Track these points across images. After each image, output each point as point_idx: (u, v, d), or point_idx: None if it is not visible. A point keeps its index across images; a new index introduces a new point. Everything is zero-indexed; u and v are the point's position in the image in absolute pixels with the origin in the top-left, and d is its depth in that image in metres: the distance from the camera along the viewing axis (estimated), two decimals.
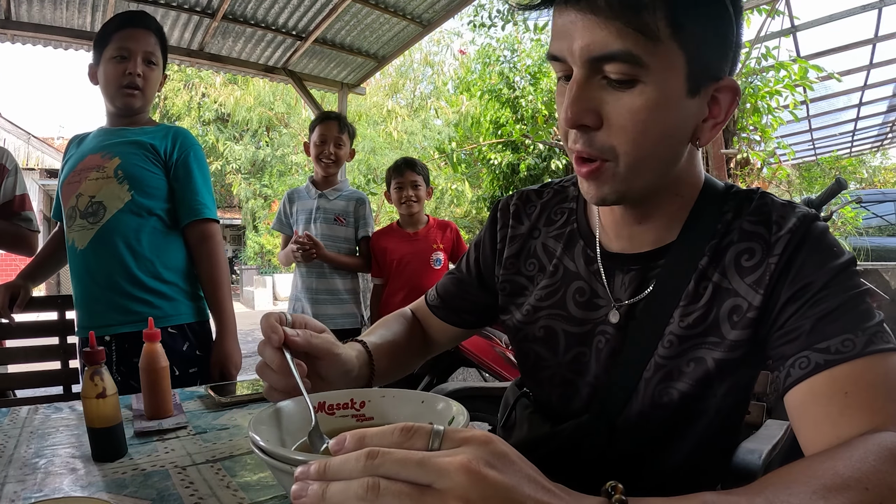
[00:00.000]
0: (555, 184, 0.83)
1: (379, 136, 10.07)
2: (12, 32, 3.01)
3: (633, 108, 0.55)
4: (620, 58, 0.53)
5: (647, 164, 0.59)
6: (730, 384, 0.65)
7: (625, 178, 0.60)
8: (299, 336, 0.64)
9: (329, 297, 2.40)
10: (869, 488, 0.42)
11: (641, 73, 0.54)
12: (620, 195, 0.62)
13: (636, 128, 0.56)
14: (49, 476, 0.71)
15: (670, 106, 0.56)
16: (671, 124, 0.58)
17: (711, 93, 0.59)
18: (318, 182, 2.46)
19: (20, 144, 11.63)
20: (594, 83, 0.56)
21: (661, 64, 0.54)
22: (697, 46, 0.55)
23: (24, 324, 1.63)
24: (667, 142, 0.59)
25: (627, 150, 0.58)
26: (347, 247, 2.45)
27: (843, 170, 10.34)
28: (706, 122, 0.61)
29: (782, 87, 3.63)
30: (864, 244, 4.87)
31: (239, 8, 3.16)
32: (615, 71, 0.55)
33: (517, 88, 5.62)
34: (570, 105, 0.57)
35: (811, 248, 0.60)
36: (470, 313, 0.88)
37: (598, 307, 0.71)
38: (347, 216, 2.43)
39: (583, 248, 0.74)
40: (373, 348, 0.77)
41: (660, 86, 0.55)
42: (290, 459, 0.47)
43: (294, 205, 2.48)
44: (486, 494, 0.33)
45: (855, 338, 0.54)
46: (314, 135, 2.42)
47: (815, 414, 0.54)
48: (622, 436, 0.68)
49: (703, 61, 0.56)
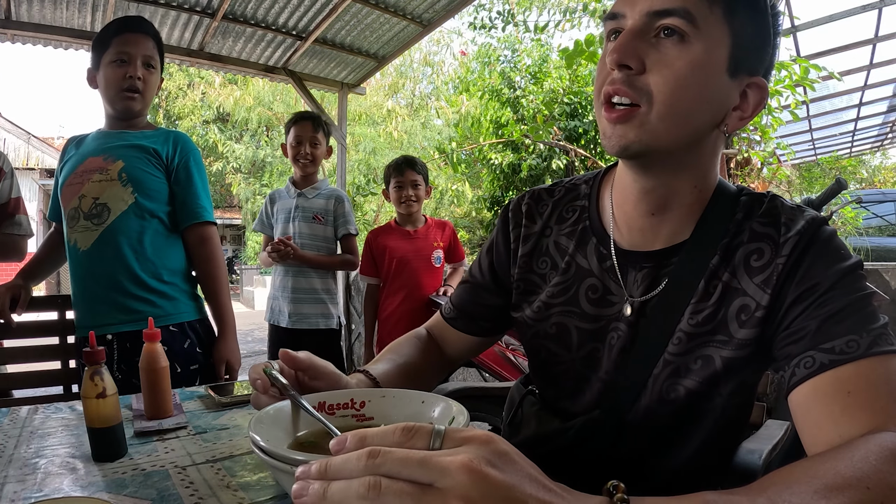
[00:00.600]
0: (566, 182, 0.84)
1: (379, 136, 10.07)
2: (12, 32, 3.01)
3: (678, 60, 0.59)
4: (678, 13, 0.58)
5: (677, 120, 0.61)
6: (736, 383, 0.66)
7: (654, 128, 0.61)
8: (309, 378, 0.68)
9: (306, 296, 2.39)
10: (870, 488, 0.42)
11: (693, 31, 0.59)
12: (644, 146, 0.62)
13: (676, 77, 0.59)
14: (49, 476, 0.71)
15: (710, 71, 0.60)
16: (707, 89, 0.61)
17: (744, 85, 0.63)
18: (297, 182, 2.47)
19: (20, 144, 11.63)
20: (647, 37, 0.60)
21: (711, 31, 0.59)
22: (742, 33, 0.60)
23: (24, 324, 1.63)
24: (698, 106, 0.61)
25: (662, 98, 0.60)
26: (327, 245, 2.45)
27: (843, 170, 10.34)
28: (735, 110, 0.63)
29: (783, 87, 3.63)
30: (864, 244, 4.87)
31: (239, 8, 3.16)
32: (671, 23, 0.59)
33: (518, 88, 5.63)
34: (619, 46, 0.60)
35: (819, 250, 0.61)
36: (487, 319, 0.88)
37: (611, 304, 0.72)
38: (326, 215, 2.43)
39: (595, 245, 0.75)
40: (379, 376, 0.77)
41: (706, 48, 0.59)
42: (290, 459, 0.47)
43: (275, 205, 2.50)
44: (488, 493, 0.33)
45: (859, 339, 0.55)
46: (289, 136, 2.42)
47: (817, 413, 0.54)
48: (631, 433, 0.69)
49: (745, 50, 0.61)
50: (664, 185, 0.67)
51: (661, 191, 0.67)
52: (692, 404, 0.66)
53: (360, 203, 6.53)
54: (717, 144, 0.67)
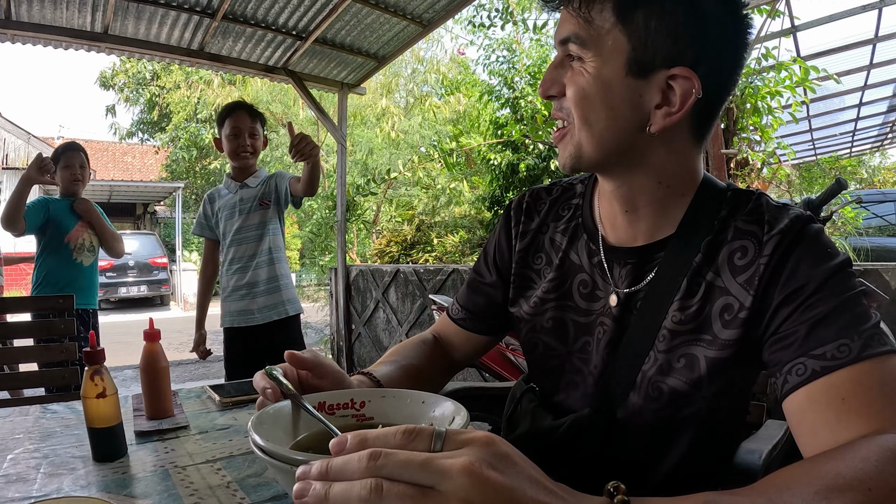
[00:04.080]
0: (564, 182, 0.86)
1: (376, 136, 10.04)
2: (12, 32, 3.01)
3: (577, 78, 0.65)
4: (570, 39, 0.64)
5: (592, 130, 0.65)
6: (721, 384, 0.65)
7: (578, 142, 0.66)
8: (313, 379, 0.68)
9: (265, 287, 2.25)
10: (871, 489, 0.42)
11: (585, 52, 0.64)
12: (576, 159, 0.67)
13: (578, 92, 0.64)
14: (49, 476, 0.71)
15: (609, 81, 0.63)
16: (612, 98, 0.63)
17: (665, 80, 0.61)
18: (236, 176, 2.31)
19: (20, 144, 11.62)
20: (565, 62, 0.67)
21: (603, 45, 0.63)
22: (644, 31, 0.61)
23: (24, 324, 1.63)
24: (606, 113, 0.64)
25: (575, 114, 0.65)
26: (277, 227, 2.30)
27: (843, 170, 10.32)
28: (659, 108, 0.63)
29: (783, 87, 3.62)
30: (864, 244, 4.86)
31: (239, 8, 3.16)
32: (570, 50, 0.65)
33: (516, 88, 5.61)
34: (543, 79, 0.68)
35: (804, 249, 0.60)
36: (495, 317, 0.89)
37: (599, 297, 0.73)
38: (269, 196, 2.27)
39: (586, 241, 0.76)
40: (382, 377, 0.77)
41: (601, 62, 0.63)
42: (290, 459, 0.47)
43: (215, 204, 2.33)
44: (489, 496, 0.33)
45: (851, 342, 0.54)
46: (225, 128, 2.21)
47: (812, 420, 0.54)
48: (622, 430, 0.69)
49: (651, 49, 0.61)
50: (625, 185, 0.69)
51: (623, 190, 0.69)
52: (676, 403, 0.66)
53: (359, 203, 6.51)
54: (687, 152, 0.67)
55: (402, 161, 7.23)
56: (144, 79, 15.62)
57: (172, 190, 14.17)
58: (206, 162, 14.62)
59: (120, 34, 3.28)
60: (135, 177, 17.89)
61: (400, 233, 8.24)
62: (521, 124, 5.43)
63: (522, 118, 5.48)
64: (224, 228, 2.28)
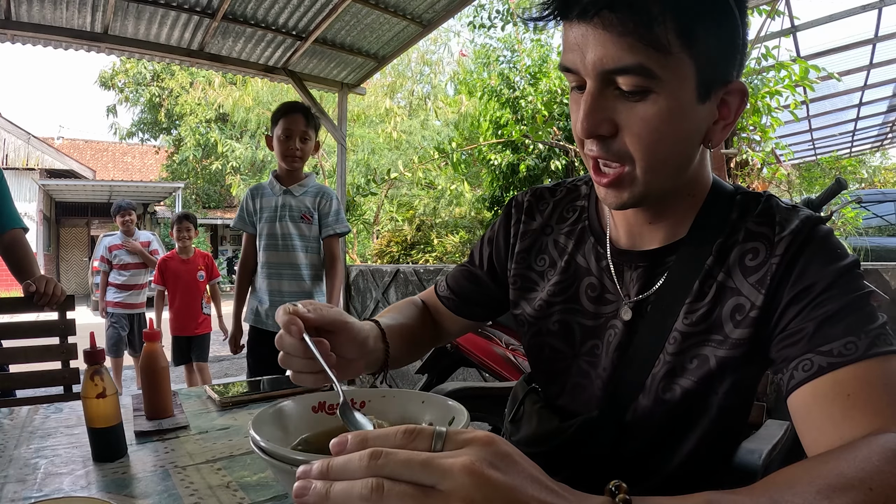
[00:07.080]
0: (568, 182, 0.85)
1: (379, 136, 10.04)
2: (12, 32, 3.01)
3: (647, 117, 0.57)
4: (633, 71, 0.55)
5: (664, 168, 0.61)
6: (731, 383, 0.65)
7: (643, 183, 0.61)
8: (311, 312, 0.62)
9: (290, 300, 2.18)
10: (873, 488, 0.42)
11: (654, 84, 0.55)
12: (639, 199, 0.63)
13: (651, 136, 0.58)
14: (49, 476, 0.71)
15: (683, 113, 0.58)
16: (684, 130, 0.59)
17: (721, 96, 0.60)
18: (283, 178, 2.27)
19: (20, 144, 11.62)
20: (608, 94, 0.58)
21: (672, 74, 0.55)
22: (706, 54, 0.56)
23: (24, 324, 1.63)
24: (681, 146, 0.61)
25: (644, 157, 0.59)
26: (316, 245, 2.27)
27: (843, 170, 10.32)
28: (717, 123, 0.62)
29: (782, 87, 3.62)
30: (864, 244, 4.86)
31: (239, 8, 3.16)
32: (628, 83, 0.56)
33: (517, 89, 5.61)
34: (586, 117, 0.58)
35: (814, 250, 0.60)
36: (480, 306, 0.89)
37: (608, 302, 0.73)
38: (312, 215, 2.24)
39: (593, 244, 0.76)
40: (386, 328, 0.76)
41: (672, 95, 0.56)
42: (290, 459, 0.47)
43: (257, 201, 2.28)
44: (490, 495, 0.33)
45: (858, 340, 0.54)
46: (278, 128, 2.19)
47: (817, 416, 0.54)
48: (630, 433, 0.69)
49: (713, 67, 0.57)
50: (660, 204, 0.68)
51: (655, 208, 0.68)
52: (688, 404, 0.66)
53: (359, 203, 6.53)
54: (703, 155, 0.67)
55: (403, 161, 7.23)
56: (144, 79, 15.64)
57: (172, 190, 14.19)
58: (206, 162, 14.63)
59: (120, 34, 3.28)
60: (135, 177, 17.91)
61: (400, 233, 8.24)
62: (521, 124, 5.42)
63: (523, 118, 5.48)
64: (261, 230, 2.25)
